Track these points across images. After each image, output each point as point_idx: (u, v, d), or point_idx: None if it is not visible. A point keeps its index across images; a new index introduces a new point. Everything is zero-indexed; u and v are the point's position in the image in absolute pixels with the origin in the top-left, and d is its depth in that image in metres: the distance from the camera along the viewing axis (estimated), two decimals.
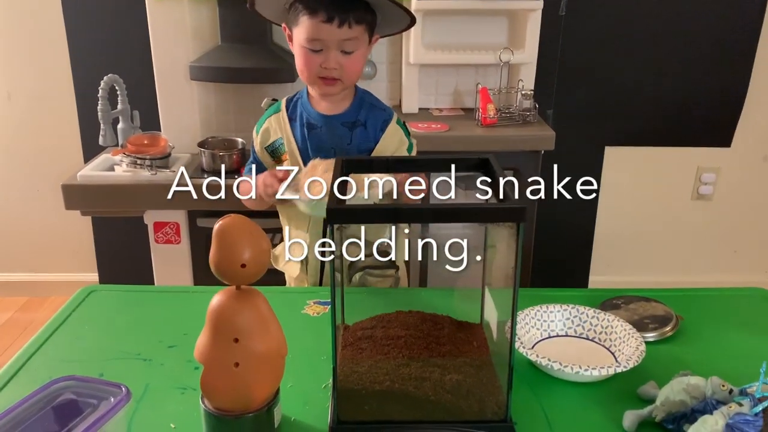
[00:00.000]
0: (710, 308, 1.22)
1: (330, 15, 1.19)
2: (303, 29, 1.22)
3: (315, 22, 1.20)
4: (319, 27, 1.20)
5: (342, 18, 1.19)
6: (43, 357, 1.05)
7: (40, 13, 2.41)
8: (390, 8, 1.24)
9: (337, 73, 1.25)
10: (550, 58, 2.42)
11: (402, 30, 1.35)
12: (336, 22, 1.19)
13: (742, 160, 2.66)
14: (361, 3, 1.22)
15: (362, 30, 1.23)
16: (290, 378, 0.97)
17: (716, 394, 0.82)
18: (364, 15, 1.22)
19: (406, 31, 1.39)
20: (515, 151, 2.14)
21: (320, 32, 1.20)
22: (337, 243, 0.77)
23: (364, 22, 1.23)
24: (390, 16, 1.28)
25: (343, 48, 1.22)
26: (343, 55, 1.23)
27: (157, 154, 2.04)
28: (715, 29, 2.44)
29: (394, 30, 1.35)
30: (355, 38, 1.22)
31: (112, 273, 2.68)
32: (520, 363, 1.01)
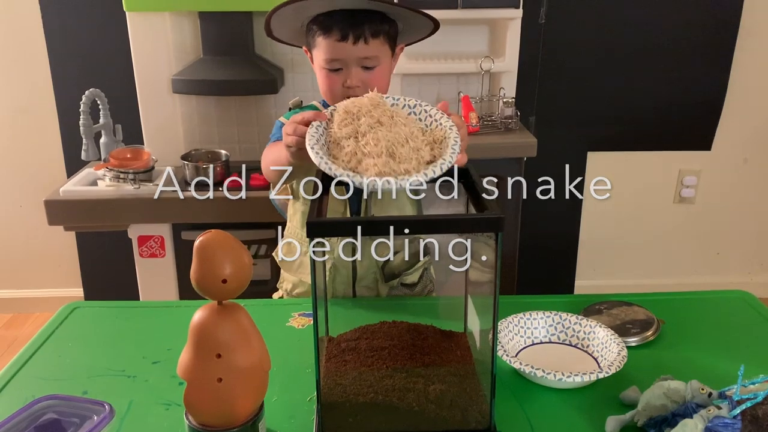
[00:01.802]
0: (692, 312, 1.23)
1: (344, 33, 1.14)
2: (321, 50, 1.18)
3: (330, 42, 1.16)
4: (334, 46, 1.16)
5: (357, 34, 1.14)
6: (27, 376, 1.04)
7: (20, 28, 2.40)
8: (409, 14, 1.19)
9: (361, 91, 1.16)
10: (531, 65, 2.44)
11: (426, 35, 1.28)
12: (351, 39, 1.14)
13: (722, 162, 2.70)
14: (377, 14, 1.17)
15: (381, 43, 1.18)
16: (275, 391, 0.97)
17: (696, 398, 0.83)
18: (380, 26, 1.17)
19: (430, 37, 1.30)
20: (498, 158, 2.15)
21: (337, 51, 1.16)
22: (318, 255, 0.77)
23: (381, 34, 1.17)
24: (412, 23, 1.22)
25: (363, 64, 1.18)
26: (364, 72, 1.18)
27: (140, 168, 2.03)
28: (693, 34, 2.48)
29: (418, 37, 1.28)
30: (374, 54, 1.17)
31: (97, 288, 2.66)
32: (503, 371, 1.02)
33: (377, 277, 1.30)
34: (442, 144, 0.91)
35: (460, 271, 0.86)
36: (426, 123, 0.96)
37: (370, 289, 1.32)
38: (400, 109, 0.95)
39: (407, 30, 1.24)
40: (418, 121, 0.95)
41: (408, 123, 0.91)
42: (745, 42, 2.50)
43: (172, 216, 2.03)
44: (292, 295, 1.38)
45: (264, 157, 1.23)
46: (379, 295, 1.31)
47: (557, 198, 3.01)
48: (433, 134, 0.92)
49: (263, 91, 2.19)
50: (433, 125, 0.95)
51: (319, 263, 0.82)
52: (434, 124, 0.95)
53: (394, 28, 1.21)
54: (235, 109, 2.31)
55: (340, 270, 1.30)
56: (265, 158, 1.23)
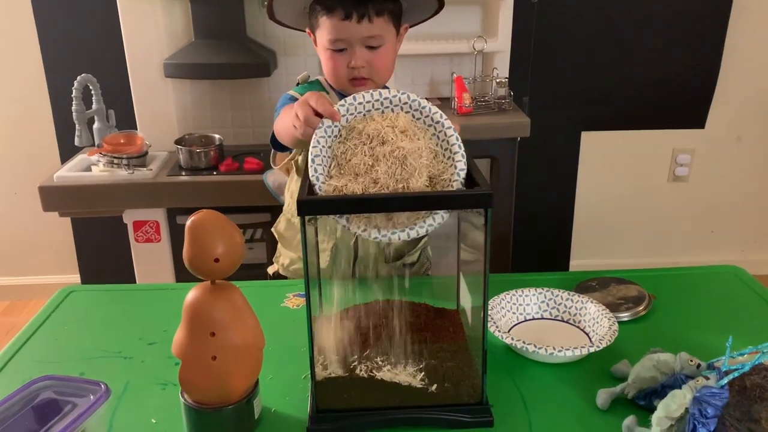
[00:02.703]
0: (683, 287, 1.24)
1: (348, 11, 1.13)
2: (324, 30, 1.16)
3: (334, 21, 1.14)
4: (338, 25, 1.14)
5: (360, 13, 1.13)
6: (23, 358, 1.05)
7: (11, 15, 2.38)
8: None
9: (366, 72, 1.17)
10: (524, 45, 2.44)
11: (431, 15, 1.26)
12: (355, 17, 1.13)
13: (716, 141, 2.70)
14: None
15: (385, 22, 1.16)
16: (270, 370, 0.98)
17: (685, 369, 0.84)
18: (384, 5, 1.15)
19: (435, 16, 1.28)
20: (492, 138, 2.15)
21: (341, 31, 1.14)
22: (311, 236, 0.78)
23: (385, 13, 1.16)
24: (416, 1, 1.20)
25: (368, 44, 1.16)
26: (369, 52, 1.16)
27: (134, 153, 2.03)
28: (686, 12, 2.47)
29: (422, 17, 1.26)
30: (378, 33, 1.15)
31: (94, 273, 2.67)
32: (496, 347, 1.03)
33: (378, 257, 1.30)
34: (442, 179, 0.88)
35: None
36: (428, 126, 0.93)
37: (370, 268, 1.32)
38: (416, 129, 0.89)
39: (411, 9, 1.23)
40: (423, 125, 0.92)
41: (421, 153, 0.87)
42: (738, 19, 2.50)
43: (166, 200, 2.03)
44: (288, 270, 1.38)
45: (277, 124, 1.20)
46: (379, 274, 1.32)
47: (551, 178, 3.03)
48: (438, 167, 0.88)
49: (256, 74, 2.18)
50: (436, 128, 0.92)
51: (312, 240, 0.82)
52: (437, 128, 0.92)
53: (398, 7, 1.20)
54: (228, 93, 2.31)
55: (341, 250, 1.28)
56: (278, 125, 1.19)
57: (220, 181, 2.02)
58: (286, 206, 1.37)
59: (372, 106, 0.88)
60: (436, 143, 0.87)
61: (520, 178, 2.34)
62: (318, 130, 0.85)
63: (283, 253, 1.41)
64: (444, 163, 0.86)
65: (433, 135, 0.88)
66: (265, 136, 1.32)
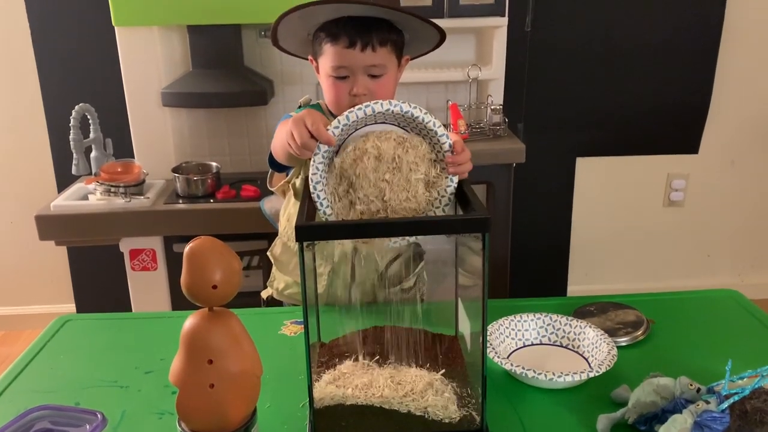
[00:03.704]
0: (681, 311, 1.24)
1: (352, 39, 1.14)
2: (327, 58, 1.18)
3: (338, 49, 1.16)
4: (342, 53, 1.16)
5: (365, 41, 1.15)
6: (19, 388, 1.04)
7: (10, 43, 2.41)
8: (416, 24, 1.19)
9: (367, 99, 1.15)
10: (518, 73, 2.47)
11: (432, 48, 1.28)
12: (359, 46, 1.15)
13: (710, 165, 2.72)
14: (385, 23, 1.17)
15: (388, 52, 1.18)
16: (268, 398, 0.97)
17: (685, 394, 0.84)
18: (388, 35, 1.17)
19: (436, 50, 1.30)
20: (488, 164, 2.17)
21: (344, 58, 1.16)
22: (308, 261, 0.78)
23: (389, 43, 1.18)
24: (418, 34, 1.23)
25: (370, 72, 1.17)
26: (371, 80, 1.18)
27: (131, 182, 2.04)
28: (677, 38, 2.51)
29: (424, 49, 1.29)
30: (381, 62, 1.17)
31: (90, 303, 2.65)
32: (495, 373, 1.03)
33: (375, 282, 1.30)
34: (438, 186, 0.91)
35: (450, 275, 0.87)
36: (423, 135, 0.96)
37: (367, 294, 1.32)
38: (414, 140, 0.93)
39: (413, 41, 1.25)
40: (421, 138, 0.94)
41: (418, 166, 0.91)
42: (728, 46, 2.54)
43: (163, 228, 2.03)
44: (283, 294, 1.37)
45: (274, 140, 1.20)
46: (376, 299, 1.31)
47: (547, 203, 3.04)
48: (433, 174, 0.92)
49: (253, 102, 2.20)
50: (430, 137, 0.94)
51: (309, 267, 0.82)
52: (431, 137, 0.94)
53: (400, 38, 1.22)
54: (226, 122, 2.32)
55: (338, 273, 1.28)
56: (275, 141, 1.20)
57: (217, 208, 2.03)
58: (282, 230, 1.37)
59: (365, 122, 0.90)
60: (431, 150, 0.89)
61: (516, 203, 2.35)
62: (315, 156, 0.86)
63: (277, 277, 1.40)
64: (438, 174, 0.87)
65: (428, 143, 0.90)
66: (263, 163, 1.33)
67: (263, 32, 2.24)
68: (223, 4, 2.03)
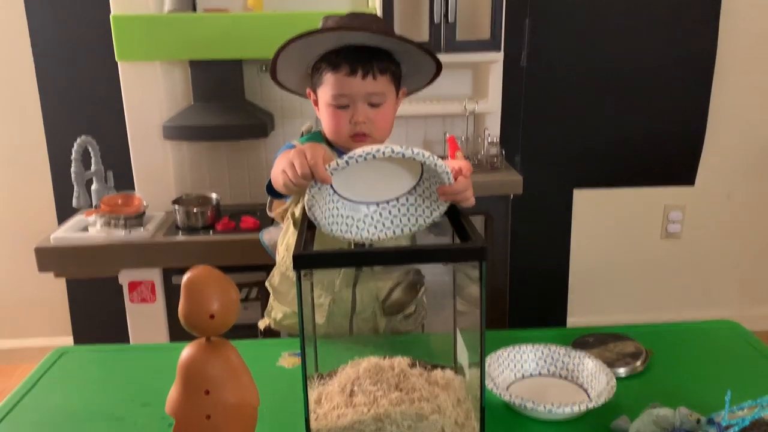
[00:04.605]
0: (680, 342, 1.24)
1: (353, 67, 1.17)
2: (328, 87, 1.20)
3: (339, 77, 1.18)
4: (343, 81, 1.18)
5: (366, 69, 1.17)
6: (15, 420, 1.03)
7: (13, 75, 2.44)
8: (414, 56, 1.21)
9: (367, 128, 1.21)
10: (515, 106, 2.50)
11: (429, 82, 1.31)
12: (360, 74, 1.17)
13: (706, 197, 2.74)
14: (384, 53, 1.20)
15: (387, 81, 1.21)
16: (265, 430, 0.96)
17: (684, 424, 0.84)
18: (388, 65, 1.20)
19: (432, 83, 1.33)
20: (485, 196, 2.18)
21: (345, 86, 1.18)
22: (305, 290, 0.78)
23: (388, 72, 1.21)
24: (415, 66, 1.25)
25: (370, 101, 1.20)
26: (371, 109, 1.20)
27: (131, 214, 2.05)
28: (671, 71, 2.55)
29: (420, 83, 1.32)
30: (381, 91, 1.20)
31: (87, 335, 2.64)
32: (494, 405, 1.02)
33: (376, 311, 1.30)
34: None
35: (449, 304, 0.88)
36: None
37: (368, 322, 1.31)
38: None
39: (411, 74, 1.27)
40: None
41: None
42: (722, 77, 2.58)
43: (162, 260, 2.03)
44: (281, 324, 1.36)
45: (274, 169, 1.20)
46: (377, 328, 1.31)
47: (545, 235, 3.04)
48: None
49: (253, 135, 2.22)
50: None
51: (308, 297, 0.82)
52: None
53: (399, 70, 1.24)
54: (226, 154, 2.34)
55: (339, 304, 1.28)
56: (274, 170, 1.19)
57: (217, 240, 2.03)
58: (281, 259, 1.37)
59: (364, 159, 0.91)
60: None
61: (514, 235, 2.35)
62: (312, 188, 0.88)
63: (275, 307, 1.39)
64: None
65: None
66: (262, 195, 1.34)
67: (264, 67, 2.28)
68: (225, 39, 2.07)
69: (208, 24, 2.07)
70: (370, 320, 1.30)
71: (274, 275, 1.38)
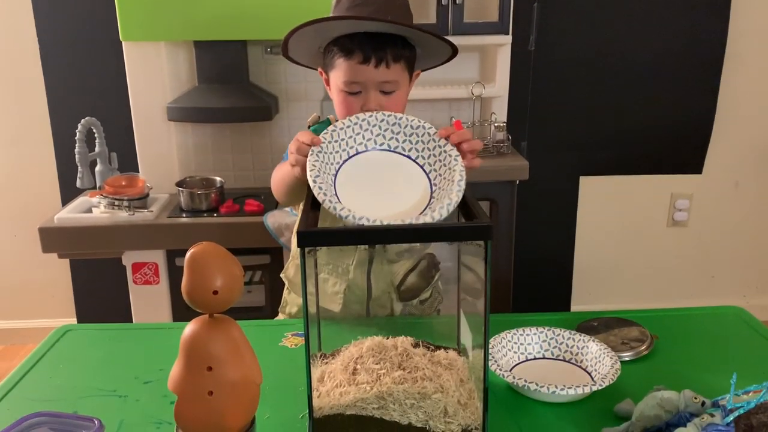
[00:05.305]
0: (685, 327, 1.23)
1: (366, 55, 1.13)
2: (340, 72, 1.17)
3: (351, 64, 1.15)
4: (355, 69, 1.15)
5: (379, 57, 1.14)
6: (16, 397, 1.03)
7: (18, 56, 2.43)
8: (429, 40, 1.17)
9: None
10: (522, 91, 2.48)
11: (444, 61, 1.27)
12: (373, 62, 1.14)
13: (713, 186, 2.72)
14: (398, 39, 1.16)
15: (401, 68, 1.18)
16: (267, 409, 0.96)
17: (689, 407, 0.83)
18: (401, 51, 1.17)
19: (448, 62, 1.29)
20: (491, 181, 2.17)
21: (357, 74, 1.15)
22: (309, 268, 0.78)
23: (402, 59, 1.17)
24: (431, 49, 1.22)
25: (382, 89, 1.17)
26: (383, 96, 1.17)
27: (135, 195, 2.04)
28: (681, 58, 2.52)
29: (435, 62, 1.28)
30: (394, 78, 1.17)
31: (91, 316, 2.65)
32: (498, 386, 1.02)
33: (392, 296, 1.29)
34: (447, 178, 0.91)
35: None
36: (429, 148, 0.95)
37: (384, 308, 1.30)
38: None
39: (425, 55, 1.24)
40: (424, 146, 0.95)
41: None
42: (731, 66, 2.55)
43: (166, 242, 2.03)
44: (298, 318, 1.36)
45: (273, 176, 1.22)
46: (393, 313, 1.30)
47: (551, 221, 3.03)
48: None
49: (258, 118, 2.21)
50: (437, 150, 0.95)
51: (311, 275, 0.82)
52: (438, 150, 0.95)
53: (413, 54, 1.21)
54: (230, 137, 2.33)
55: (354, 290, 1.27)
56: (274, 177, 1.22)
57: (221, 222, 2.03)
58: (295, 251, 1.35)
59: (353, 131, 0.91)
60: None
61: (519, 221, 2.34)
62: (310, 156, 0.89)
63: (290, 302, 1.38)
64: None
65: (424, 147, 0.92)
66: (266, 178, 1.33)
67: (269, 48, 2.26)
68: (230, 20, 2.06)
69: (214, 4, 2.05)
70: (386, 306, 1.29)
71: (289, 268, 1.36)
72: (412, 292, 1.29)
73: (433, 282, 1.32)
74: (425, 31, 1.15)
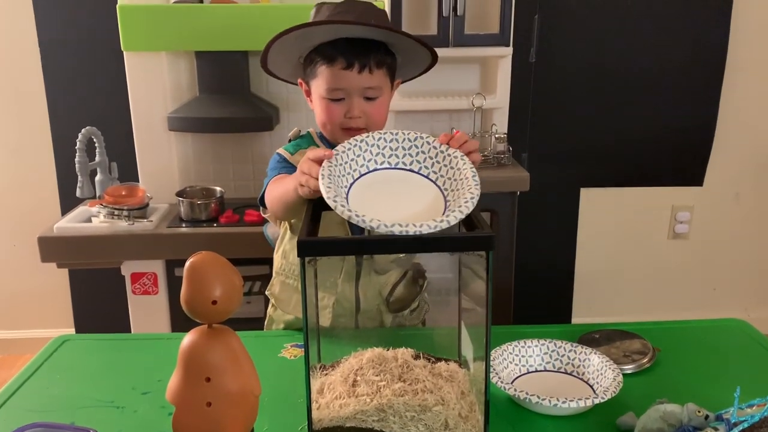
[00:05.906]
0: (688, 340, 1.22)
1: (350, 61, 1.14)
2: (322, 80, 1.17)
3: (334, 71, 1.15)
4: (338, 75, 1.15)
5: (362, 63, 1.14)
6: (13, 407, 1.03)
7: (19, 65, 2.44)
8: (411, 47, 1.18)
9: (363, 122, 1.19)
10: (523, 102, 2.48)
11: (423, 71, 1.28)
12: (356, 68, 1.14)
13: (714, 198, 2.72)
14: (381, 46, 1.17)
15: (384, 74, 1.19)
16: (266, 421, 0.95)
17: (692, 421, 0.82)
18: (384, 58, 1.18)
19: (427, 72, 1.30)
20: (492, 192, 2.16)
21: (340, 80, 1.15)
22: (309, 278, 0.77)
23: (384, 66, 1.18)
24: (411, 56, 1.22)
25: (366, 95, 1.17)
26: (366, 102, 1.18)
27: (135, 205, 2.04)
28: (681, 71, 2.53)
29: (415, 72, 1.29)
30: (377, 84, 1.17)
31: (89, 326, 2.63)
32: (499, 399, 1.01)
33: (381, 308, 1.28)
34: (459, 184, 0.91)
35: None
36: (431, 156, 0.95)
37: (373, 320, 1.29)
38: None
39: (405, 64, 1.25)
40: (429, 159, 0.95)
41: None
42: (732, 77, 2.55)
43: (165, 252, 2.02)
44: None
45: (270, 192, 1.20)
46: (383, 325, 1.29)
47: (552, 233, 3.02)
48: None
49: (258, 128, 2.21)
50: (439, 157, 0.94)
51: (311, 289, 0.81)
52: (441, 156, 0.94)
53: (394, 62, 1.22)
54: (231, 147, 2.33)
55: (342, 303, 1.26)
56: (271, 193, 1.19)
57: (220, 232, 2.02)
58: (279, 267, 1.33)
59: (354, 153, 0.91)
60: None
61: (520, 232, 2.34)
62: (321, 180, 0.86)
63: (275, 319, 1.36)
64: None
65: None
66: None
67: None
68: (231, 30, 2.06)
69: (215, 14, 2.06)
70: (376, 318, 1.28)
71: (274, 284, 1.34)
72: (401, 302, 1.29)
73: (421, 291, 1.32)
74: (405, 34, 1.15)
